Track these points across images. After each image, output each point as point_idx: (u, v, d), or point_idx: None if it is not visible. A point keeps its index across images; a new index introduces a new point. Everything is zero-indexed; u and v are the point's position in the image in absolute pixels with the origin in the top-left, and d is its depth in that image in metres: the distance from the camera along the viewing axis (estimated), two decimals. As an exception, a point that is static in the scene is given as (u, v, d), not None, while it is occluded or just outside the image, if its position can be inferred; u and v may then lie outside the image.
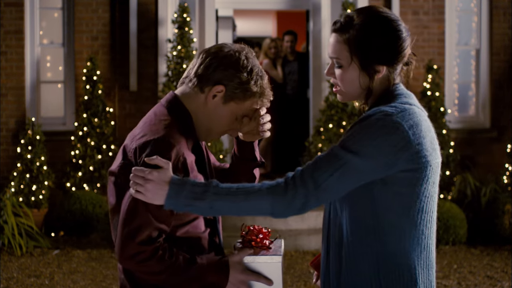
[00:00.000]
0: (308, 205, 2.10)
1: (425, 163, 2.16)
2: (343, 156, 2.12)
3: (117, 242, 2.18)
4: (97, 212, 7.74)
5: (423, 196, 2.18)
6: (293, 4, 9.80)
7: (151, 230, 2.15)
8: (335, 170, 2.10)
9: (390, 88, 2.26)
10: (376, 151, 2.10)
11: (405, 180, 2.15)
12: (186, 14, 8.18)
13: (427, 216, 2.21)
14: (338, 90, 2.32)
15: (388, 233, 2.15)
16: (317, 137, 8.26)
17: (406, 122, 2.15)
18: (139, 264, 2.16)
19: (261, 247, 2.28)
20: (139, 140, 2.20)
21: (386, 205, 2.15)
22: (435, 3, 8.82)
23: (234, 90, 2.27)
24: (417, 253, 2.18)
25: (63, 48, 8.75)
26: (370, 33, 2.21)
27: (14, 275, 6.47)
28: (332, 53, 2.27)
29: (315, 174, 2.10)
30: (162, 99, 2.35)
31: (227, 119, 2.31)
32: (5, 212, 7.31)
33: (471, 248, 7.48)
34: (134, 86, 8.51)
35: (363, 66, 2.22)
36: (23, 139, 8.06)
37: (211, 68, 2.26)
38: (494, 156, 8.74)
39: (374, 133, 2.12)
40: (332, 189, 2.10)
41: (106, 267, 6.73)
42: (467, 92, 9.25)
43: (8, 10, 8.49)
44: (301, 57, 9.70)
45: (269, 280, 2.22)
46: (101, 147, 8.23)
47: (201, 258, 2.21)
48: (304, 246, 7.34)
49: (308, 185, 2.09)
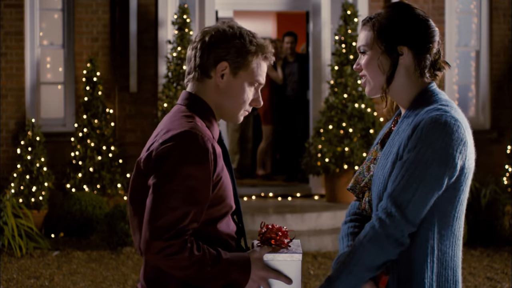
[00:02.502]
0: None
1: (471, 167, 2.21)
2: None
3: (144, 237, 2.14)
4: (97, 213, 7.73)
5: (465, 198, 2.24)
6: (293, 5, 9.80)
7: (179, 223, 2.12)
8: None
9: (426, 87, 2.28)
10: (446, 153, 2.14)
11: (458, 183, 2.19)
12: (186, 15, 8.18)
13: (463, 218, 2.26)
14: (364, 82, 2.33)
15: (440, 239, 2.20)
16: (317, 138, 8.26)
17: (462, 120, 2.20)
18: (167, 258, 2.12)
19: (280, 245, 2.26)
20: (164, 135, 2.20)
21: (442, 211, 2.19)
22: (434, 4, 8.83)
23: (236, 60, 2.28)
24: (458, 255, 2.25)
25: (63, 49, 8.75)
26: (393, 15, 2.26)
27: (14, 276, 6.47)
28: (359, 43, 2.31)
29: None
30: (178, 100, 2.36)
31: (244, 90, 2.31)
32: (5, 213, 7.30)
33: (471, 249, 7.47)
34: (134, 88, 8.51)
35: (386, 48, 2.25)
36: (23, 140, 8.06)
37: (205, 54, 2.28)
38: (494, 157, 8.74)
39: (441, 135, 2.14)
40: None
41: (106, 268, 6.73)
42: (467, 93, 9.25)
43: (8, 11, 8.49)
44: (301, 58, 9.70)
45: (288, 278, 2.21)
46: (101, 148, 8.23)
47: (225, 254, 2.19)
48: (304, 247, 7.34)
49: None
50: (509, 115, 8.86)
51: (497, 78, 8.97)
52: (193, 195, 2.15)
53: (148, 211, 2.15)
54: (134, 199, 2.27)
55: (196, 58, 2.29)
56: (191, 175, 2.14)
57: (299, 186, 9.19)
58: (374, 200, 2.28)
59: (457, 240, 2.23)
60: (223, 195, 2.25)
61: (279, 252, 2.23)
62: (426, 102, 2.24)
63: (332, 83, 8.27)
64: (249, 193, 8.86)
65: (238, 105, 2.32)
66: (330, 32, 8.83)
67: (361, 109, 8.14)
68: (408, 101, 2.28)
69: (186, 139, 2.15)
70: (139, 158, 2.25)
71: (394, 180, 2.15)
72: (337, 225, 7.66)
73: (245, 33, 2.31)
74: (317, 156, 8.14)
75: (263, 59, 2.33)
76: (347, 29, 8.22)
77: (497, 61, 8.96)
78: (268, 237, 2.26)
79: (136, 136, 8.56)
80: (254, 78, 2.31)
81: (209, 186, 2.18)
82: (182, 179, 2.13)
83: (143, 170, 2.22)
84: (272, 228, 2.27)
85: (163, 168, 2.15)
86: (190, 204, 2.14)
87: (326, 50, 8.79)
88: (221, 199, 2.25)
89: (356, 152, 7.96)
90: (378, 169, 2.28)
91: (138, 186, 2.25)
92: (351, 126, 8.12)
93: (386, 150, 2.27)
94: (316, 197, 8.74)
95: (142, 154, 2.25)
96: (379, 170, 2.27)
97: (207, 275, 2.16)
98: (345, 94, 8.18)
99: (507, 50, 8.93)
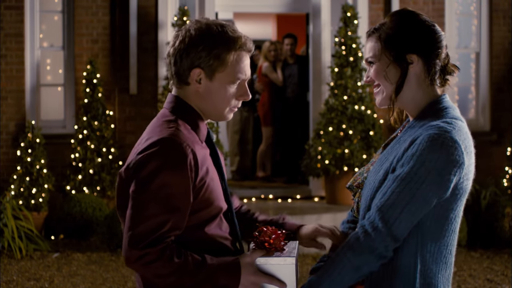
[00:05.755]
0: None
1: (465, 188, 2.18)
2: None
3: (123, 245, 2.14)
4: (97, 215, 7.74)
5: (458, 217, 2.21)
6: (293, 7, 9.81)
7: (157, 231, 2.10)
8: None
9: (437, 98, 2.24)
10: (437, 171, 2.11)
11: (448, 203, 2.16)
12: (186, 17, 8.19)
13: (455, 236, 2.23)
14: (377, 92, 2.28)
15: (425, 255, 2.17)
16: (317, 140, 8.26)
17: (462, 141, 2.14)
18: (145, 266, 2.11)
19: (275, 248, 2.22)
20: (144, 144, 2.18)
21: (428, 227, 2.17)
22: (434, 6, 8.83)
23: (209, 63, 2.22)
24: (444, 273, 2.21)
25: (63, 51, 8.75)
26: (399, 24, 2.22)
27: (14, 278, 6.47)
28: (367, 54, 2.27)
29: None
30: (164, 103, 2.34)
31: (225, 91, 2.26)
32: (5, 215, 7.30)
33: (471, 251, 7.47)
34: (134, 89, 8.51)
35: (395, 57, 2.21)
36: (23, 142, 8.06)
37: (178, 61, 2.24)
38: (494, 159, 8.74)
39: (435, 152, 2.11)
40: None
41: (106, 270, 6.73)
42: (467, 95, 9.25)
43: (8, 13, 8.49)
44: (301, 60, 9.70)
45: (282, 282, 2.18)
46: (101, 150, 8.23)
47: (211, 259, 2.15)
48: (303, 249, 7.33)
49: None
50: (509, 117, 8.86)
51: (497, 80, 8.97)
52: (171, 203, 2.12)
53: (127, 220, 2.15)
54: (121, 206, 2.27)
55: (172, 66, 2.27)
56: (168, 183, 2.11)
57: (299, 188, 9.18)
58: (362, 203, 2.27)
59: (444, 257, 2.20)
60: (210, 198, 2.22)
61: (273, 256, 2.19)
62: (433, 115, 2.20)
63: (332, 85, 8.27)
64: (249, 195, 8.86)
65: (221, 105, 2.28)
66: (330, 34, 8.83)
67: (361, 111, 8.14)
68: (417, 110, 2.25)
69: (163, 146, 2.13)
70: (121, 169, 2.24)
71: (384, 193, 2.14)
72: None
73: (215, 30, 2.22)
74: (317, 158, 8.14)
75: (241, 51, 2.25)
76: (347, 31, 8.22)
77: (497, 63, 8.97)
78: (262, 240, 2.22)
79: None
80: (234, 77, 2.25)
81: (189, 192, 2.15)
82: (160, 187, 2.11)
83: (124, 178, 2.21)
84: (266, 231, 2.23)
85: (140, 177, 2.13)
86: (168, 212, 2.12)
87: (326, 52, 8.79)
88: (209, 201, 2.22)
89: (356, 154, 7.96)
90: (371, 173, 2.26)
91: (122, 193, 2.23)
92: (351, 128, 8.11)
93: (383, 157, 2.26)
94: (316, 199, 8.74)
95: (125, 164, 2.24)
96: (372, 175, 2.25)
97: (191, 281, 2.12)
98: (345, 96, 8.17)
99: (507, 52, 8.93)
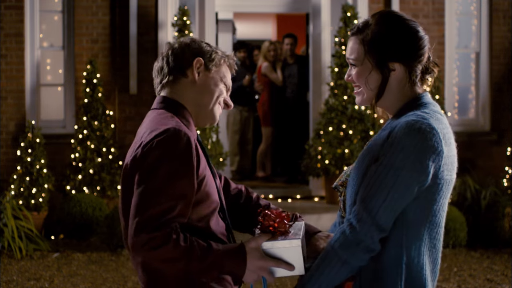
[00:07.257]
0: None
1: (447, 179, 2.17)
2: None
3: (129, 233, 2.14)
4: (97, 215, 7.74)
5: (442, 210, 2.21)
6: (293, 7, 9.81)
7: (163, 216, 2.12)
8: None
9: (416, 96, 2.23)
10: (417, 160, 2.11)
11: (430, 193, 2.16)
12: (186, 17, 8.19)
13: (440, 230, 2.24)
14: (358, 92, 2.29)
15: (410, 247, 2.17)
16: (317, 140, 8.26)
17: (441, 130, 2.14)
18: (152, 251, 2.10)
19: (280, 232, 2.23)
20: (148, 136, 2.22)
21: (412, 219, 2.17)
22: (435, 6, 8.83)
23: (207, 56, 2.42)
24: (429, 266, 2.21)
25: (63, 51, 8.75)
26: (383, 30, 2.20)
27: (14, 278, 6.47)
28: (349, 54, 2.26)
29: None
30: (153, 105, 2.40)
31: (218, 85, 2.41)
32: (5, 215, 7.30)
33: (471, 251, 7.47)
34: (134, 89, 8.51)
35: (377, 64, 2.20)
36: (23, 142, 8.06)
37: (179, 55, 2.41)
38: (494, 159, 8.74)
39: (412, 140, 2.11)
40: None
41: (106, 270, 6.73)
42: (467, 95, 9.25)
43: (8, 13, 8.49)
44: (301, 60, 9.70)
45: (290, 265, 2.19)
46: (101, 150, 8.23)
47: (217, 245, 2.18)
48: (304, 249, 7.35)
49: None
50: (509, 117, 8.86)
51: (497, 80, 8.97)
52: (178, 189, 2.16)
53: (133, 208, 2.16)
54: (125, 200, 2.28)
55: (170, 63, 2.39)
56: (176, 169, 2.16)
57: (299, 188, 9.19)
58: (348, 200, 2.27)
59: (428, 251, 2.20)
60: (208, 192, 2.27)
61: (278, 239, 2.20)
62: (412, 109, 2.20)
63: (332, 85, 8.27)
64: (249, 195, 8.85)
65: (214, 100, 2.39)
66: (330, 34, 8.83)
67: (361, 111, 8.14)
68: (397, 109, 2.25)
69: (170, 135, 2.19)
70: (125, 163, 2.27)
71: (367, 185, 2.14)
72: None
73: (207, 45, 2.46)
74: (317, 158, 8.14)
75: (228, 66, 2.46)
76: (347, 31, 8.22)
77: (497, 62, 8.96)
78: (267, 225, 2.24)
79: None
80: (223, 78, 2.42)
81: (194, 180, 2.20)
82: (167, 173, 2.15)
83: (129, 170, 2.24)
84: (270, 215, 2.25)
85: (148, 164, 2.17)
86: (176, 198, 2.15)
87: (326, 52, 8.79)
88: (207, 195, 2.27)
89: (356, 154, 7.96)
90: (354, 169, 2.26)
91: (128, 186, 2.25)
92: (351, 128, 8.12)
93: (365, 151, 2.26)
94: (316, 199, 8.74)
95: (127, 159, 2.27)
96: (355, 171, 2.25)
97: (198, 266, 2.13)
98: (345, 96, 8.18)
99: (507, 51, 8.93)
